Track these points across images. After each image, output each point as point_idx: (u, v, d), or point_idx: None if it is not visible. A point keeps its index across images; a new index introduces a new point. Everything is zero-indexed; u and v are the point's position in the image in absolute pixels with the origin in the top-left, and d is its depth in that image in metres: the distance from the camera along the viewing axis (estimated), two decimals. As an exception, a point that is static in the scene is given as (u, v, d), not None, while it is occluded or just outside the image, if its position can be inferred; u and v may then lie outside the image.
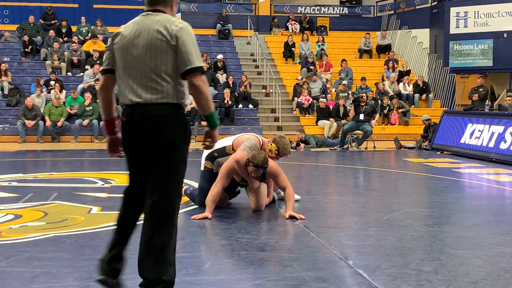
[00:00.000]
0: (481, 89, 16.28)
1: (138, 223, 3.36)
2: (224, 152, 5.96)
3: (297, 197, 6.17)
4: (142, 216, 3.28)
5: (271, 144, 5.78)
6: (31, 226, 5.22)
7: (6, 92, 16.35)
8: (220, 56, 18.63)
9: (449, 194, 7.26)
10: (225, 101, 16.20)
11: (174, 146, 3.10)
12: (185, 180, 7.96)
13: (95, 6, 21.34)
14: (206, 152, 6.04)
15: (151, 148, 3.10)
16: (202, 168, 6.14)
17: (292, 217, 5.49)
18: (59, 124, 14.94)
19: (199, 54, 3.09)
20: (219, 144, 5.93)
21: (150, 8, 3.16)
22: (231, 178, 5.75)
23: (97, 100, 15.42)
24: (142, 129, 3.08)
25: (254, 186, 5.73)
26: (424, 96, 17.98)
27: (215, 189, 5.63)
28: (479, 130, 11.64)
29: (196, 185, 7.17)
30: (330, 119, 15.66)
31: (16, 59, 18.48)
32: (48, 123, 14.80)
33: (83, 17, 19.83)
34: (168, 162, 3.10)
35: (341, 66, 18.85)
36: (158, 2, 3.16)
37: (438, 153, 12.46)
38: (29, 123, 14.62)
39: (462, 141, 12.01)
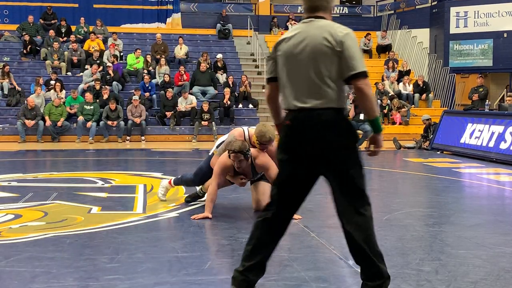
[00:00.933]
0: (481, 89, 16.28)
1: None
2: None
3: None
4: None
5: (254, 137, 5.60)
6: (31, 226, 5.22)
7: (6, 92, 16.35)
8: (219, 56, 18.61)
9: (449, 194, 7.26)
10: (224, 101, 16.19)
11: (344, 150, 3.12)
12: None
13: (95, 6, 21.31)
14: (218, 141, 6.09)
15: (317, 153, 3.12)
16: (210, 153, 6.15)
17: None
18: (58, 124, 14.94)
19: (363, 59, 3.16)
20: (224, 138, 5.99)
21: (311, 14, 3.22)
22: (225, 175, 5.71)
23: (97, 100, 15.50)
24: (307, 134, 3.12)
25: (239, 184, 5.70)
26: (424, 96, 17.97)
27: (211, 188, 5.57)
28: (479, 130, 11.64)
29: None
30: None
31: (16, 59, 18.47)
32: (48, 122, 14.80)
33: (82, 18, 19.81)
34: (344, 168, 3.13)
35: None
36: (319, 9, 3.21)
37: (438, 153, 12.46)
38: (29, 122, 14.62)
39: (462, 141, 12.01)
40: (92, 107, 15.20)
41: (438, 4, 20.48)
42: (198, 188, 6.25)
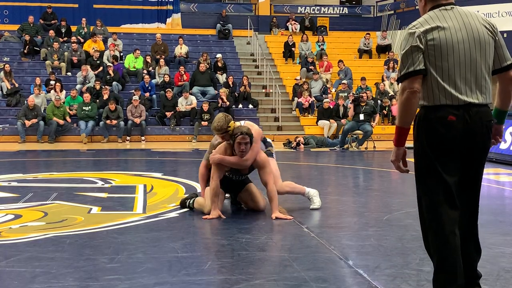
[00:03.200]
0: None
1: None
2: None
3: (317, 204, 6.05)
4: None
5: None
6: (31, 226, 5.22)
7: (5, 92, 16.35)
8: (219, 55, 18.63)
9: (449, 194, 7.24)
10: (220, 104, 15.97)
11: (487, 152, 3.03)
12: (184, 180, 7.96)
13: (95, 6, 21.33)
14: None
15: (476, 153, 2.94)
16: None
17: (278, 218, 5.43)
18: (61, 122, 14.92)
19: None
20: None
21: (445, 1, 2.99)
22: (224, 168, 5.69)
23: (97, 100, 15.45)
24: (475, 132, 2.88)
25: (244, 159, 5.55)
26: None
27: (213, 183, 5.54)
28: (479, 130, 11.63)
29: (194, 184, 7.17)
30: (330, 120, 15.66)
31: (16, 59, 18.47)
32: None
33: (84, 19, 19.81)
34: (483, 168, 3.04)
35: (339, 66, 18.85)
36: None
37: (438, 153, 12.44)
38: (28, 122, 14.59)
39: (462, 141, 11.99)
40: (90, 107, 15.21)
41: (438, 4, 20.48)
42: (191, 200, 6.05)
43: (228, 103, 16.15)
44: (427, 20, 2.91)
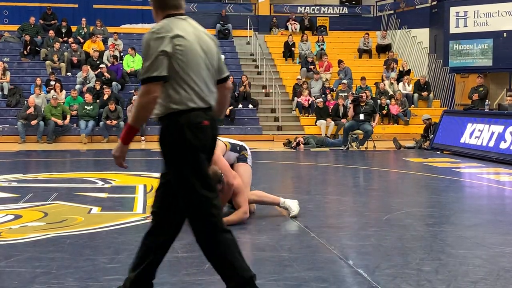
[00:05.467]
0: (481, 89, 16.28)
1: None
2: None
3: (295, 211, 5.64)
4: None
5: None
6: (31, 226, 5.23)
7: (6, 92, 16.35)
8: (222, 57, 18.62)
9: (449, 194, 7.26)
10: None
11: None
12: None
13: (94, 6, 21.33)
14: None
15: (212, 151, 3.22)
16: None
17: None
18: (60, 122, 14.90)
19: None
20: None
21: (179, 12, 3.13)
22: None
23: (97, 101, 15.46)
24: (215, 134, 3.18)
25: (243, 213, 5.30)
26: (425, 93, 17.96)
27: None
28: (479, 130, 11.64)
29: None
30: (327, 119, 15.65)
31: (16, 59, 18.47)
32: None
33: (83, 19, 19.79)
34: None
35: (339, 66, 18.85)
36: (183, 7, 3.19)
37: (438, 152, 12.46)
38: (25, 122, 14.60)
39: (462, 140, 12.01)
40: (91, 106, 15.21)
41: (438, 4, 20.48)
42: None
43: None
44: (171, 25, 3.01)
